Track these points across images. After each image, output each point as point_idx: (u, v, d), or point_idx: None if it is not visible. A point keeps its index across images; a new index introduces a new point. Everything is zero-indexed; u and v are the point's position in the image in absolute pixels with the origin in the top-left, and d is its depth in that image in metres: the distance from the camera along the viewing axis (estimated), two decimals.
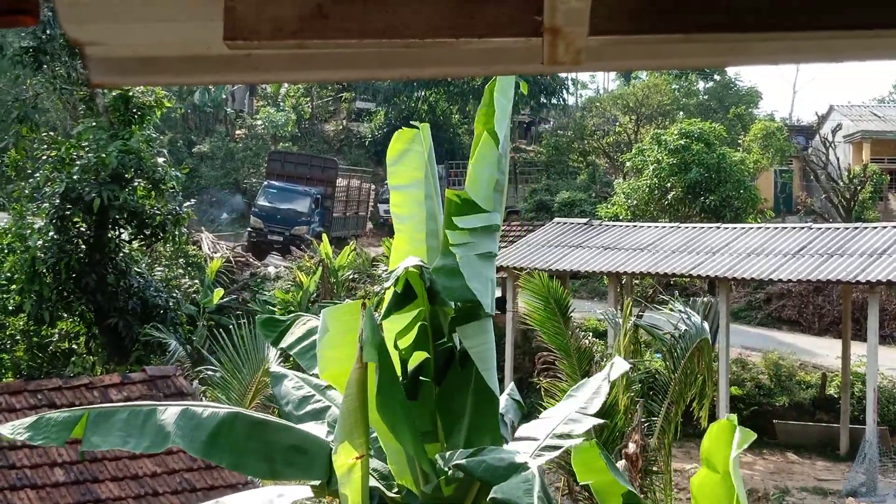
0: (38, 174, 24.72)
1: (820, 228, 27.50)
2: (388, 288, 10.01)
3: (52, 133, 26.59)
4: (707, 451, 8.90)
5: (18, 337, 24.28)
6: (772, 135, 46.23)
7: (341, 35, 2.46)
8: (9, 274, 23.68)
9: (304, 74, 2.82)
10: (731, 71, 63.27)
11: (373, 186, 57.60)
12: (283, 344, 10.45)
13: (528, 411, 12.09)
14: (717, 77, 62.51)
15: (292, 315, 11.11)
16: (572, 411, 10.36)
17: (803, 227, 27.97)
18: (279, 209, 48.42)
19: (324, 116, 69.10)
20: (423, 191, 10.43)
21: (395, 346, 9.56)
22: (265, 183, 50.98)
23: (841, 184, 42.86)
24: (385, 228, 50.25)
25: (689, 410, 14.20)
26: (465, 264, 9.52)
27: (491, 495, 8.41)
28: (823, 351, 31.99)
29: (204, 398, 18.23)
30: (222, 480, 14.12)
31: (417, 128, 10.66)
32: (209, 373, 21.12)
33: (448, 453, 9.09)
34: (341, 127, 68.31)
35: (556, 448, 9.80)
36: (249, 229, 48.45)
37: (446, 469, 8.83)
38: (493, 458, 8.67)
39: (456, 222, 9.87)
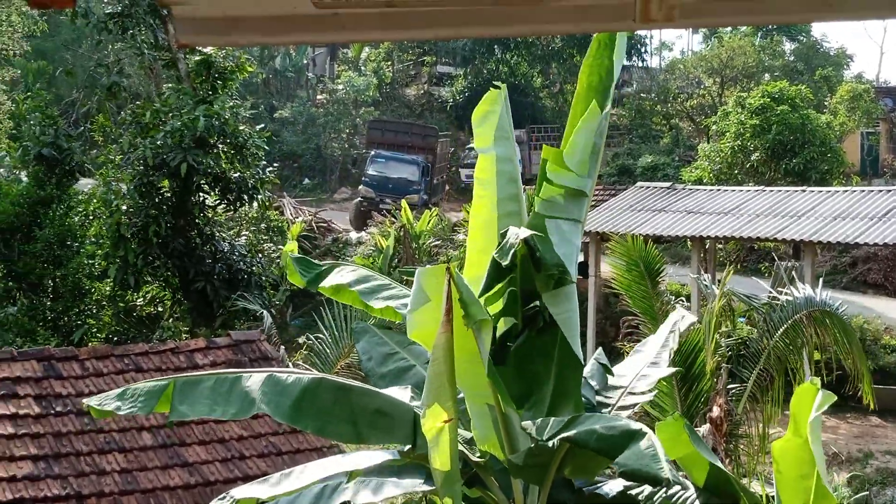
0: (121, 139, 24.93)
1: None
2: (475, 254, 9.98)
3: (137, 102, 26.83)
4: (792, 416, 8.83)
5: (105, 302, 24.56)
6: (859, 97, 45.36)
7: None
8: (94, 239, 23.95)
9: (391, 33, 2.78)
10: (817, 32, 62.10)
11: (451, 150, 57.48)
12: (321, 286, 10.39)
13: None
14: (802, 38, 61.42)
15: (329, 262, 11.13)
16: (644, 367, 10.40)
17: (890, 191, 27.48)
18: (390, 178, 48.43)
19: (405, 81, 68.99)
20: (503, 153, 10.36)
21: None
22: (373, 152, 50.92)
23: None
24: (466, 194, 50.12)
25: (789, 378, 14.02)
26: (553, 230, 9.46)
27: (618, 467, 8.23)
28: None
29: (290, 364, 18.37)
30: (308, 444, 14.21)
31: (500, 88, 10.59)
32: (307, 340, 21.32)
33: (540, 421, 8.99)
34: (423, 91, 68.20)
35: (630, 406, 9.86)
36: (360, 199, 48.19)
37: (542, 438, 8.69)
38: (604, 426, 8.51)
39: (548, 186, 9.82)
